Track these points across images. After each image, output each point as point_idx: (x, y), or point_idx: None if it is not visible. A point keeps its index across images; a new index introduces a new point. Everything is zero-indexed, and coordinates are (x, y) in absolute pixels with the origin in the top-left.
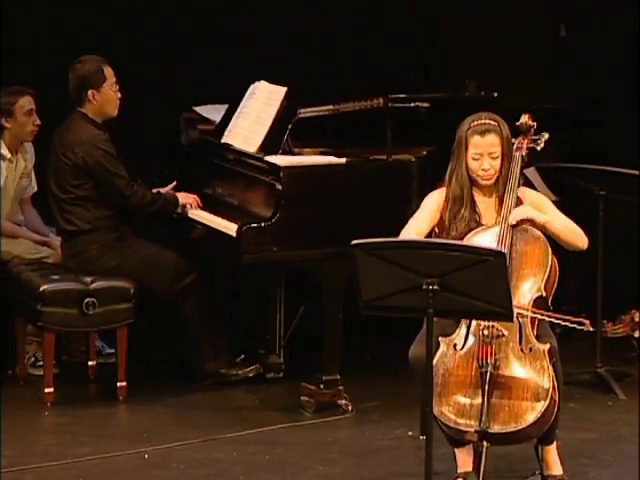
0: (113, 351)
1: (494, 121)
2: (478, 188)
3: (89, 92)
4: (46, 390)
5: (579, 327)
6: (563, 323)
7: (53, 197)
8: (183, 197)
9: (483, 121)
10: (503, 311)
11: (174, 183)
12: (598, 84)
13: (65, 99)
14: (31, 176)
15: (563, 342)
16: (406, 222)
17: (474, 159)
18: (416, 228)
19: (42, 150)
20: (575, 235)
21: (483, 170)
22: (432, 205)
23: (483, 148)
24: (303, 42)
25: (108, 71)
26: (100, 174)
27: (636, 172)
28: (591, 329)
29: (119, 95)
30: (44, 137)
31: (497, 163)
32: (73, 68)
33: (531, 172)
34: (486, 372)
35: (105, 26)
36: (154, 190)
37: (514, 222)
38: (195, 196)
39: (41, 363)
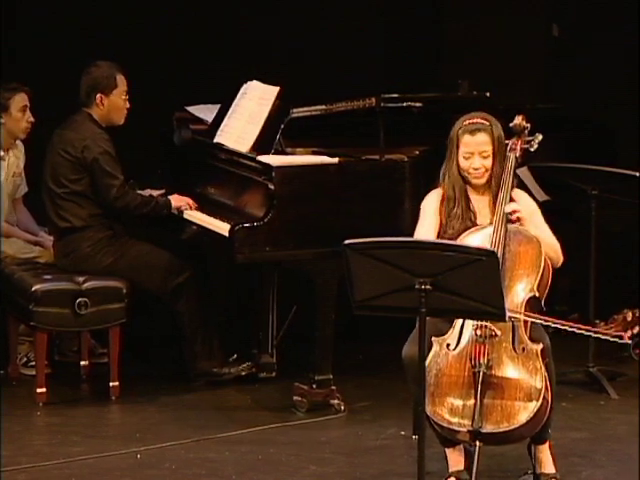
0: (105, 351)
1: (486, 120)
2: (472, 187)
3: (97, 96)
4: (38, 390)
5: (613, 339)
6: (595, 335)
7: (48, 192)
8: (176, 200)
9: (474, 120)
10: (496, 311)
11: (163, 190)
12: (594, 84)
13: (61, 99)
14: (22, 175)
15: (555, 342)
16: (399, 222)
17: (465, 158)
18: (426, 235)
19: (34, 151)
20: (554, 252)
21: (474, 169)
22: (433, 208)
23: (473, 147)
24: (301, 41)
25: (120, 79)
26: (95, 171)
27: (628, 172)
28: (629, 342)
29: (128, 105)
30: (36, 139)
31: (488, 162)
32: (87, 71)
33: (523, 172)
34: (479, 372)
35: (105, 26)
36: (145, 192)
37: (509, 210)
38: (188, 199)
39: (33, 363)
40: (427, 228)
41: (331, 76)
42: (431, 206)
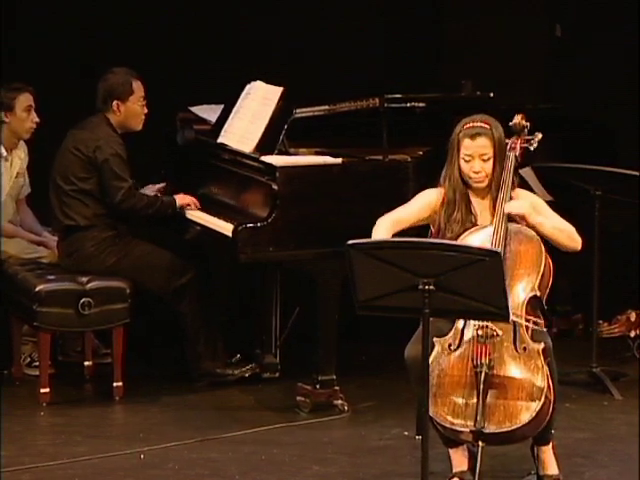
0: (109, 351)
1: (487, 124)
2: (472, 190)
3: (114, 103)
4: (42, 390)
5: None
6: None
7: (55, 189)
8: (180, 199)
9: (475, 124)
10: (498, 311)
11: (164, 184)
12: (594, 84)
13: (61, 99)
14: (25, 176)
15: (559, 342)
16: None
17: (465, 161)
18: (396, 216)
19: (36, 152)
20: (568, 237)
21: (474, 172)
22: (424, 201)
23: (474, 150)
24: (301, 41)
25: (137, 85)
26: (104, 172)
27: (632, 172)
28: (544, 329)
29: (145, 110)
30: (38, 139)
31: (488, 166)
32: (103, 78)
33: (527, 172)
34: (481, 372)
35: (105, 26)
36: (147, 188)
37: (507, 211)
38: (193, 198)
39: (37, 363)
40: (402, 211)
41: (331, 76)
42: (424, 199)
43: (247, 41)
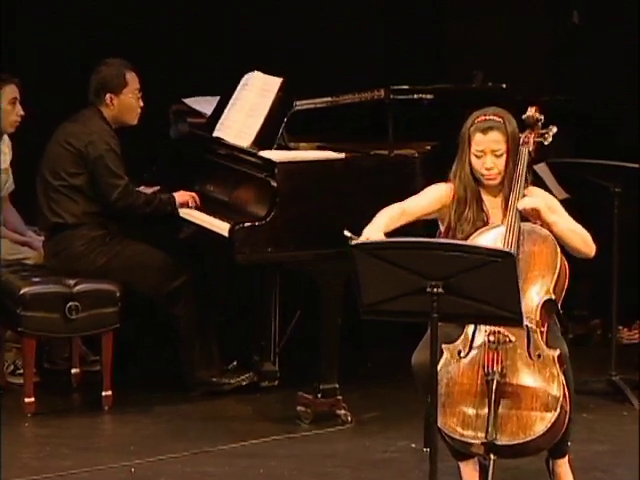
0: (98, 358)
1: (499, 117)
2: (484, 188)
3: (107, 96)
4: (26, 400)
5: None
6: None
7: (43, 185)
8: (180, 196)
9: (487, 117)
10: (512, 315)
11: (157, 187)
12: (594, 84)
13: (61, 100)
14: (9, 172)
15: (576, 349)
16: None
17: (477, 157)
18: (404, 206)
19: (22, 148)
20: (582, 241)
21: (486, 169)
22: (434, 194)
23: (485, 145)
24: (301, 41)
25: (131, 77)
26: (99, 168)
27: None
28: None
29: (141, 103)
30: (28, 136)
31: (501, 161)
32: (97, 69)
33: (542, 168)
34: (492, 380)
35: (105, 26)
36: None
37: (521, 208)
38: (193, 194)
39: (21, 371)
40: (411, 201)
41: (331, 76)
42: (436, 192)
43: (247, 41)
